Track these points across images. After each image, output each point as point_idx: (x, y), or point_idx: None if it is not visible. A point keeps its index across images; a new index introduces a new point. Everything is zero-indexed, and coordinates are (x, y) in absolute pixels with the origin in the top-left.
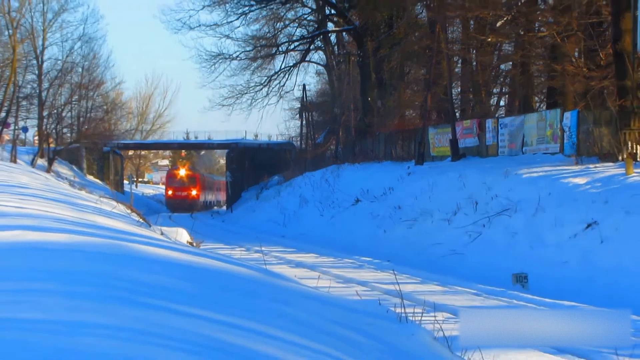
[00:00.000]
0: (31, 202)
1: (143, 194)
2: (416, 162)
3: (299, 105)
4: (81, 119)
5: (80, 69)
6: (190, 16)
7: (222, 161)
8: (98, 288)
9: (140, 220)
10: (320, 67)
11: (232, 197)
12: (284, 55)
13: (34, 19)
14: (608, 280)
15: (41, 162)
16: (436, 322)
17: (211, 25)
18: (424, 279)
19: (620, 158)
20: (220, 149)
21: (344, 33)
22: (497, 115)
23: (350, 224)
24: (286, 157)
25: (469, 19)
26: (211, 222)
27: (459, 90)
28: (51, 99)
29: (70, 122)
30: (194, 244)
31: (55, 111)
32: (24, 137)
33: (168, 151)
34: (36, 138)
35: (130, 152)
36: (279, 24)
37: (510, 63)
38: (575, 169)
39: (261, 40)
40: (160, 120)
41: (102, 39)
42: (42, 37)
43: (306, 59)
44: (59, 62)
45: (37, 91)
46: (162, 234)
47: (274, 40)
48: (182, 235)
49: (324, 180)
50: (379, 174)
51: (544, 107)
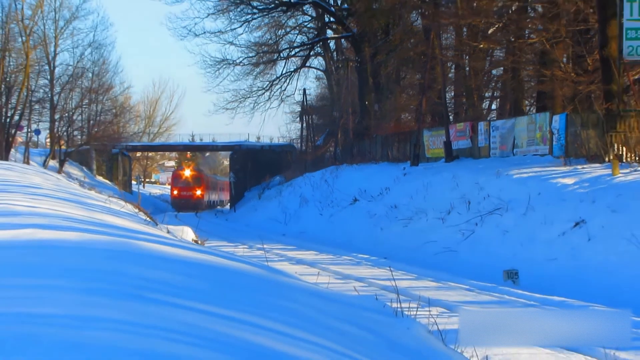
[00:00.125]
0: (43, 202)
1: (150, 193)
2: (411, 163)
3: (300, 109)
4: (91, 122)
5: (90, 74)
6: (195, 24)
7: (226, 162)
8: (108, 284)
9: (148, 219)
10: (319, 72)
11: (235, 196)
12: (285, 61)
13: (46, 27)
14: (595, 276)
15: (53, 163)
16: (431, 316)
17: (215, 33)
18: (419, 275)
19: (606, 159)
20: (224, 150)
21: (343, 40)
22: (489, 118)
23: (348, 222)
24: (287, 158)
25: (462, 26)
26: (215, 221)
27: (453, 94)
28: (62, 103)
29: (80, 125)
30: (199, 242)
31: (66, 114)
32: (36, 140)
33: (174, 153)
34: (48, 140)
35: (138, 154)
36: (280, 31)
37: (502, 68)
38: (564, 169)
39: (263, 47)
40: (167, 123)
41: (111, 45)
42: (54, 43)
43: (306, 65)
44: (70, 67)
45: (49, 95)
46: (168, 232)
47: (275, 47)
48: (188, 234)
49: (324, 180)
50: (376, 175)
51: (534, 111)
